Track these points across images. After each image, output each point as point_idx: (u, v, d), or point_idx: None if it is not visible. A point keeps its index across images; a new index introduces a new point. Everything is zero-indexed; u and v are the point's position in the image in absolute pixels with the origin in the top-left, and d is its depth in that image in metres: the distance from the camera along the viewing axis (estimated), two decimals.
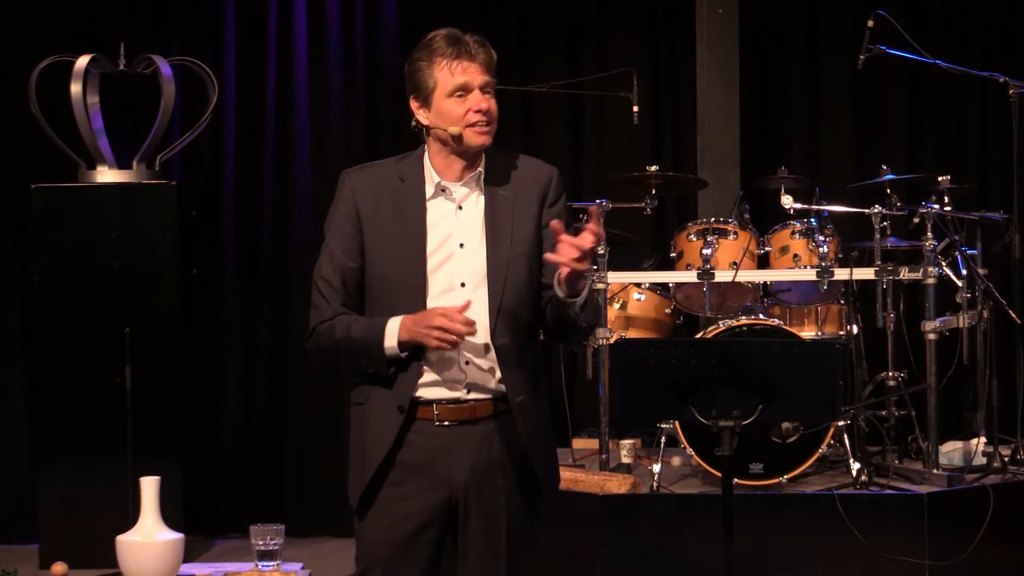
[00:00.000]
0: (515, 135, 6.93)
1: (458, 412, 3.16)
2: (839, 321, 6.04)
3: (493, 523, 3.18)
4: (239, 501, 6.69)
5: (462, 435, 3.17)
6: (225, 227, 6.75)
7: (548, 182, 3.26)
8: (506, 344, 3.14)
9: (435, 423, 3.16)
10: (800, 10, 7.06)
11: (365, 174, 3.25)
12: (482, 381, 3.16)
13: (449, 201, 3.19)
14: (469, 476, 3.16)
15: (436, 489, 3.17)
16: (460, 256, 3.16)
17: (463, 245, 3.16)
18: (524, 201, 3.20)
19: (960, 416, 6.41)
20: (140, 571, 4.85)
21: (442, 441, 3.16)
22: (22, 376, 6.66)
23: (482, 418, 3.17)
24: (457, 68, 3.13)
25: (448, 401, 3.16)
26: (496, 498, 3.18)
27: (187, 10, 6.81)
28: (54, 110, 6.25)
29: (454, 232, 3.17)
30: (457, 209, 3.19)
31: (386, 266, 3.16)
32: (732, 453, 3.39)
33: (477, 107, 3.13)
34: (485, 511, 3.18)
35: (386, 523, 3.17)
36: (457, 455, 3.16)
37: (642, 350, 3.49)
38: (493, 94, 3.17)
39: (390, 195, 3.19)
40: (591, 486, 5.33)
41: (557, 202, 3.25)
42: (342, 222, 3.19)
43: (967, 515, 5.21)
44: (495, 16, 6.99)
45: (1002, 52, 6.87)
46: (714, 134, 6.83)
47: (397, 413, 3.15)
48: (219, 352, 6.72)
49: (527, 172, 3.25)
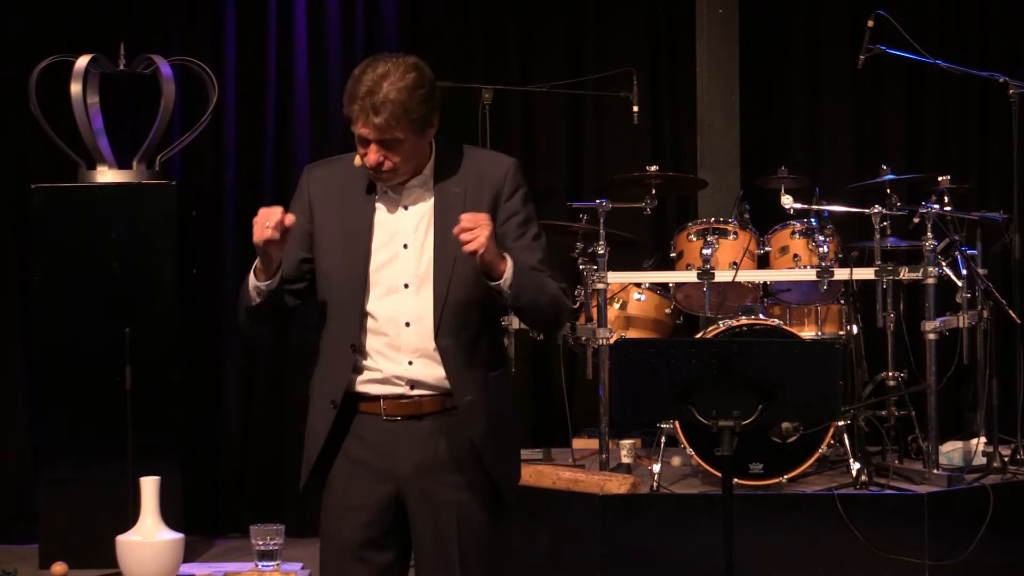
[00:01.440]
0: (515, 135, 6.93)
1: (404, 407, 3.16)
2: (839, 321, 6.04)
3: (441, 521, 3.16)
4: (239, 501, 6.69)
5: (409, 430, 3.16)
6: (225, 227, 6.75)
7: (504, 175, 3.20)
8: (451, 345, 3.12)
9: (383, 417, 3.17)
10: (800, 10, 7.06)
11: (323, 169, 3.30)
12: (426, 379, 3.15)
13: (395, 201, 3.18)
14: (414, 472, 3.16)
15: (382, 483, 3.17)
16: (404, 257, 3.15)
17: (407, 246, 3.15)
18: (475, 198, 3.16)
19: (960, 416, 6.41)
20: (140, 571, 4.85)
21: (388, 436, 3.17)
22: (22, 376, 6.65)
23: (429, 413, 3.16)
24: (358, 119, 3.09)
25: (392, 396, 3.16)
26: (444, 494, 3.16)
27: (187, 10, 6.81)
28: (54, 110, 6.25)
29: (399, 232, 3.16)
30: (403, 209, 3.18)
31: (329, 264, 3.18)
32: (732, 453, 3.39)
33: (367, 162, 3.11)
34: (432, 509, 3.16)
35: (337, 518, 3.21)
36: (403, 450, 3.16)
37: (642, 350, 3.49)
38: (397, 147, 3.08)
39: (341, 192, 3.22)
40: (591, 486, 5.33)
41: (514, 194, 3.20)
42: (296, 215, 3.20)
43: (967, 515, 5.21)
44: (495, 16, 6.99)
45: (1002, 52, 6.87)
46: (714, 134, 6.84)
47: (330, 408, 3.18)
48: (219, 352, 6.72)
49: (482, 167, 3.21)
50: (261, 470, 6.74)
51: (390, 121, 3.05)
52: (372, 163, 3.10)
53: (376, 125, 3.06)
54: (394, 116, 3.05)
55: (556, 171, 7.02)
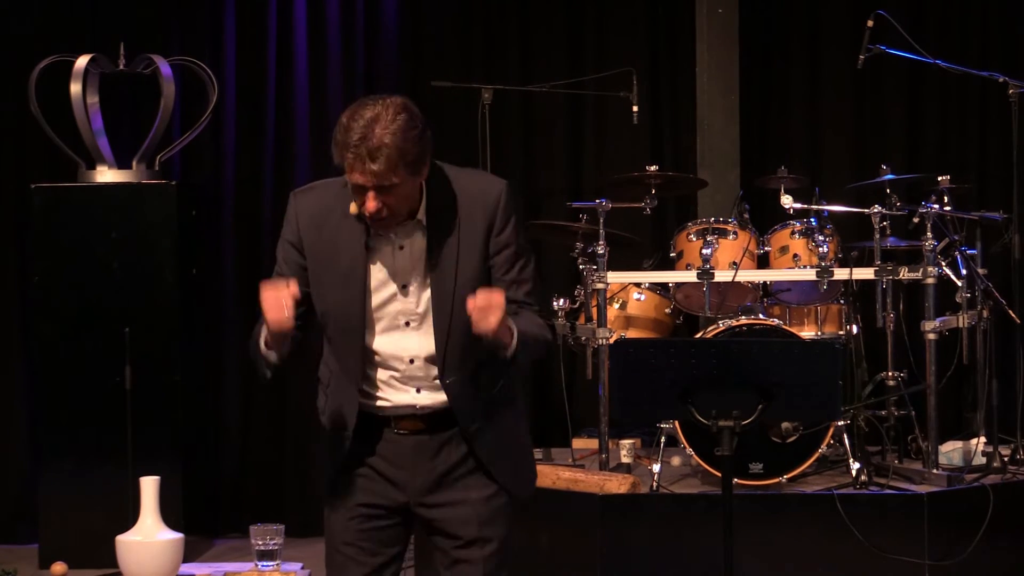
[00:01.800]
0: (515, 135, 6.93)
1: (413, 424, 3.18)
2: (839, 321, 6.03)
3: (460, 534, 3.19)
4: (239, 501, 6.69)
5: (421, 444, 3.18)
6: (225, 227, 6.75)
7: (496, 205, 3.13)
8: (455, 382, 3.13)
9: (395, 431, 3.17)
10: (800, 10, 7.06)
11: (310, 199, 3.18)
12: (434, 404, 3.16)
13: (389, 241, 3.12)
14: (425, 484, 3.18)
15: (394, 490, 3.19)
16: (403, 297, 3.13)
17: (406, 286, 3.13)
18: (469, 234, 3.11)
19: (960, 416, 6.41)
20: (140, 571, 4.85)
21: (401, 448, 3.18)
22: (22, 376, 6.65)
23: (440, 428, 3.18)
24: (354, 168, 2.99)
25: (402, 416, 3.17)
26: (462, 493, 3.19)
27: (187, 10, 6.81)
28: (54, 110, 6.25)
29: (396, 273, 3.13)
30: (398, 249, 3.12)
31: (326, 303, 3.14)
32: (732, 453, 3.39)
33: (366, 210, 3.03)
34: (446, 516, 3.19)
35: (343, 514, 3.21)
36: (416, 462, 3.18)
37: (642, 350, 3.49)
38: (399, 187, 3.00)
39: (333, 229, 3.13)
40: (591, 486, 5.33)
41: (506, 227, 3.13)
42: (288, 249, 3.18)
43: (967, 515, 5.21)
44: (495, 16, 6.99)
45: (1002, 52, 6.87)
46: (714, 134, 6.83)
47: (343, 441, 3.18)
48: (219, 352, 6.72)
49: (473, 196, 3.13)
50: (261, 470, 6.74)
51: (387, 167, 2.95)
52: (371, 211, 3.01)
53: (373, 172, 2.95)
54: (391, 161, 2.95)
55: (556, 171, 7.01)
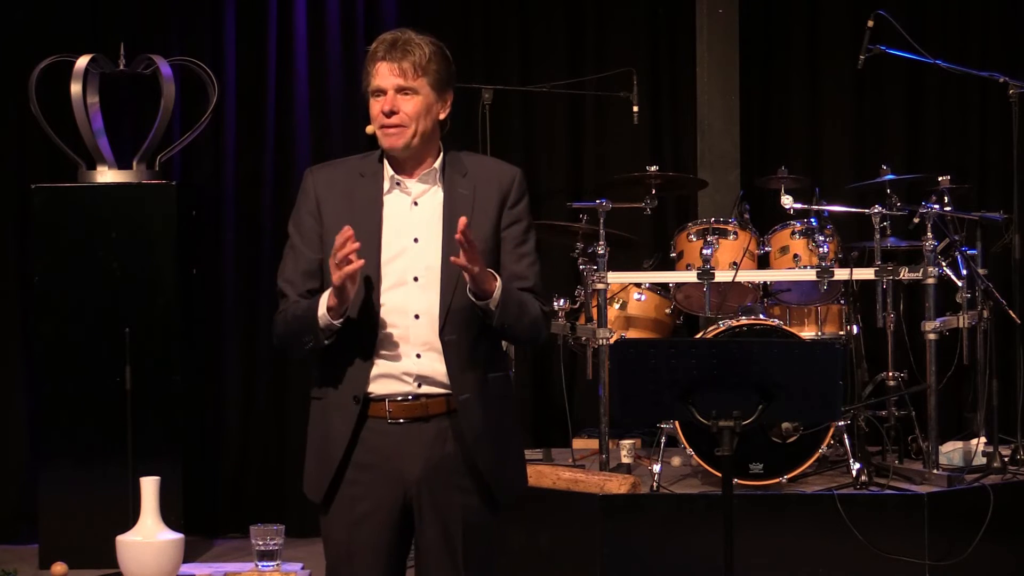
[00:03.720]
0: (515, 135, 6.93)
1: (410, 409, 3.17)
2: (839, 321, 6.04)
3: (448, 522, 3.18)
4: (239, 501, 6.69)
5: (415, 432, 3.17)
6: (225, 227, 6.75)
7: (511, 183, 3.25)
8: (454, 341, 3.14)
9: (387, 420, 3.17)
10: (800, 10, 7.06)
11: (326, 170, 3.30)
12: (433, 374, 3.16)
13: (405, 196, 3.21)
14: (422, 474, 3.17)
15: (390, 487, 3.17)
16: (414, 251, 3.17)
17: (417, 240, 3.17)
18: (483, 200, 3.21)
19: (960, 416, 6.41)
20: (140, 571, 4.85)
21: (394, 439, 3.17)
22: (22, 376, 6.65)
23: (435, 415, 3.18)
24: (378, 70, 3.15)
25: (400, 397, 3.16)
26: (451, 497, 3.18)
27: (187, 10, 6.81)
28: (54, 110, 6.25)
29: (409, 226, 3.18)
30: (413, 204, 3.20)
31: None
32: (732, 453, 3.39)
33: (382, 107, 3.14)
34: (440, 513, 3.18)
35: (347, 523, 3.19)
36: (410, 453, 3.17)
37: (642, 350, 3.49)
38: (413, 97, 3.15)
39: (349, 190, 3.22)
40: (591, 486, 5.33)
41: (520, 202, 3.25)
42: (305, 217, 3.23)
43: (967, 515, 5.21)
44: (495, 16, 6.99)
45: (1002, 52, 6.87)
46: (714, 134, 6.83)
47: (353, 404, 3.16)
48: (219, 352, 6.72)
49: (490, 171, 3.26)
50: (261, 470, 6.74)
51: (414, 63, 3.13)
52: (387, 108, 3.13)
53: (402, 68, 3.12)
54: (420, 60, 3.13)
55: (556, 171, 7.01)
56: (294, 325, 3.17)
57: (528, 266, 3.23)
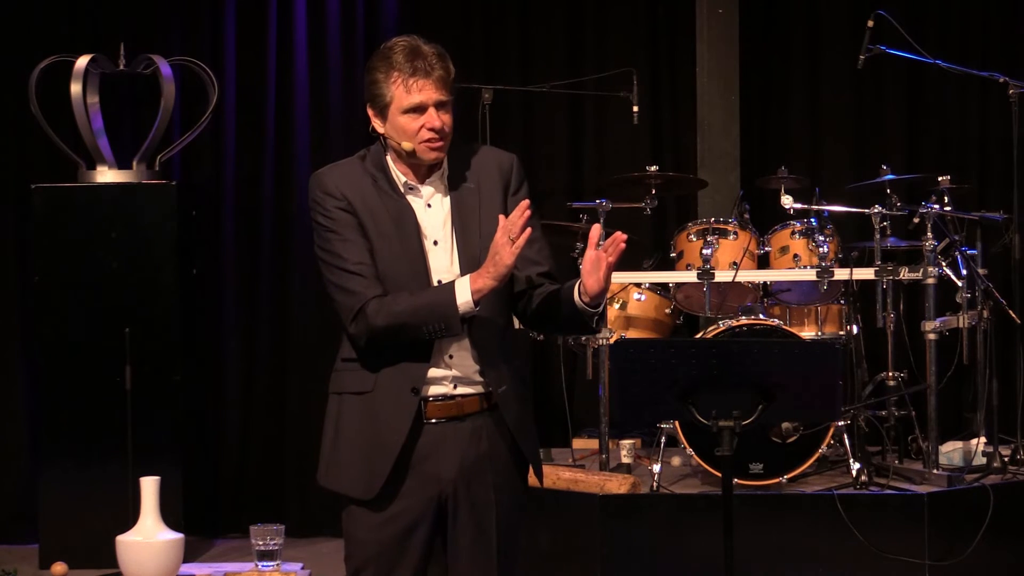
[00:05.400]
0: (515, 135, 6.93)
1: (446, 409, 3.18)
2: (839, 321, 6.04)
3: (483, 520, 3.20)
4: (239, 501, 6.68)
5: (451, 432, 3.18)
6: (225, 227, 6.75)
7: (510, 169, 3.27)
8: (484, 337, 3.17)
9: (424, 421, 3.17)
10: (800, 10, 7.06)
11: (336, 173, 3.23)
12: (467, 374, 3.18)
13: (418, 199, 3.21)
14: (458, 473, 3.18)
15: (425, 488, 3.18)
16: (434, 253, 3.18)
17: (437, 243, 3.19)
18: (489, 193, 3.22)
19: (960, 416, 6.41)
20: (140, 571, 4.86)
21: (431, 439, 3.17)
22: (22, 376, 6.65)
23: (470, 414, 3.20)
24: (413, 86, 3.11)
25: (436, 398, 3.17)
26: (486, 494, 3.20)
27: (187, 10, 6.81)
28: (54, 110, 6.25)
29: (427, 229, 3.19)
30: (426, 207, 3.21)
31: (383, 262, 3.16)
32: (732, 453, 3.39)
33: (431, 125, 3.12)
34: (475, 509, 3.20)
35: (376, 523, 3.18)
36: (446, 452, 3.18)
37: (642, 350, 3.48)
38: (449, 109, 3.16)
39: (368, 193, 3.18)
40: (591, 486, 5.34)
41: (520, 188, 3.27)
42: (339, 213, 3.17)
43: (967, 515, 5.21)
44: (495, 16, 6.99)
45: (1002, 52, 6.86)
46: (714, 134, 6.83)
47: (411, 395, 3.14)
48: (219, 352, 6.72)
49: (488, 162, 3.27)
50: (261, 470, 6.74)
51: (445, 77, 3.12)
52: (438, 125, 3.11)
53: (437, 83, 3.10)
54: (446, 72, 3.13)
55: (556, 171, 7.01)
56: (414, 316, 3.09)
57: (539, 251, 3.25)
